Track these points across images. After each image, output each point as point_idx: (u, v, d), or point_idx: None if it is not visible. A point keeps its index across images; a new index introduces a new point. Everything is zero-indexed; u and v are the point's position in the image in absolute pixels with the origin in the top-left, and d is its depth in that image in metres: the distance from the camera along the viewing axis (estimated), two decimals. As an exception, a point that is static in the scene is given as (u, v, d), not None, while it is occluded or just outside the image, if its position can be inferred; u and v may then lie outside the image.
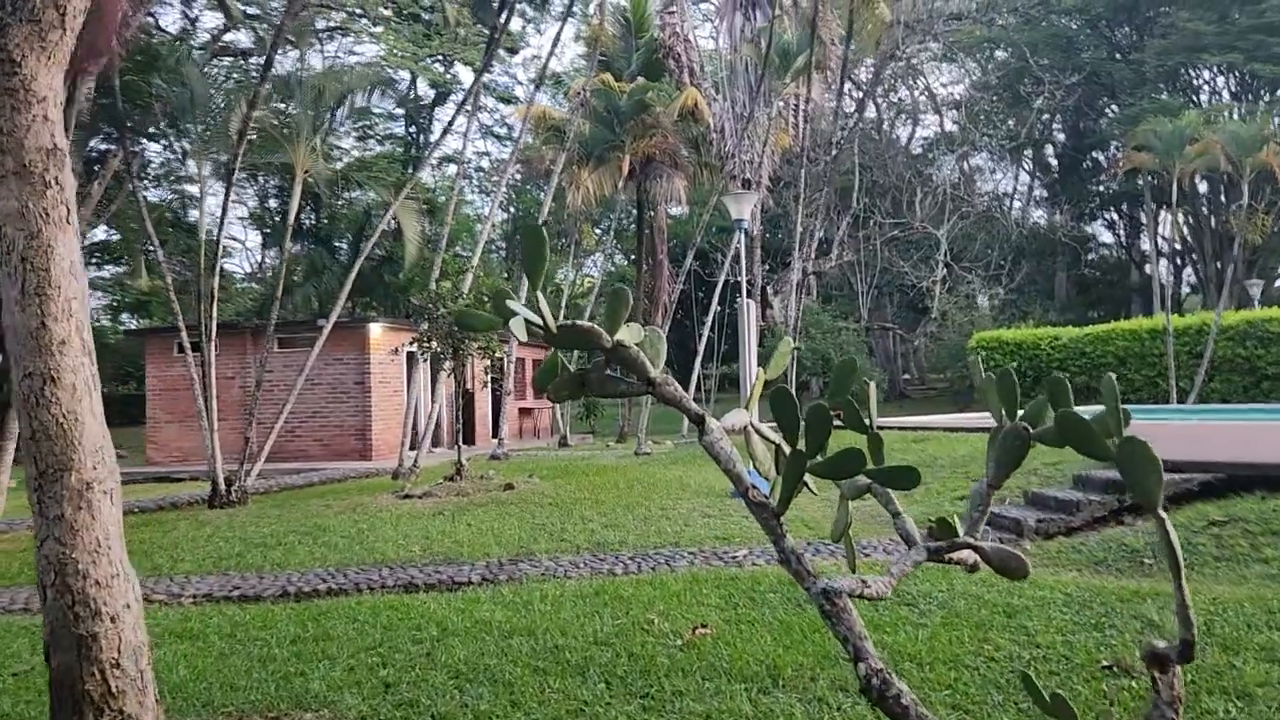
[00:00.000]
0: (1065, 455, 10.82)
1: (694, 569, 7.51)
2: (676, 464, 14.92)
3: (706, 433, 3.13)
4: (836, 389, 3.12)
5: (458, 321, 3.11)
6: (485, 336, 12.36)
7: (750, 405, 3.39)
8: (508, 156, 23.49)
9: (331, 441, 18.71)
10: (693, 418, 3.16)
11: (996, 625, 5.53)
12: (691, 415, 3.16)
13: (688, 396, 3.16)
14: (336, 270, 28.60)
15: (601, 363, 3.14)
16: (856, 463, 2.93)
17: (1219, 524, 7.18)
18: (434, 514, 10.61)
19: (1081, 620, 5.55)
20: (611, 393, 3.17)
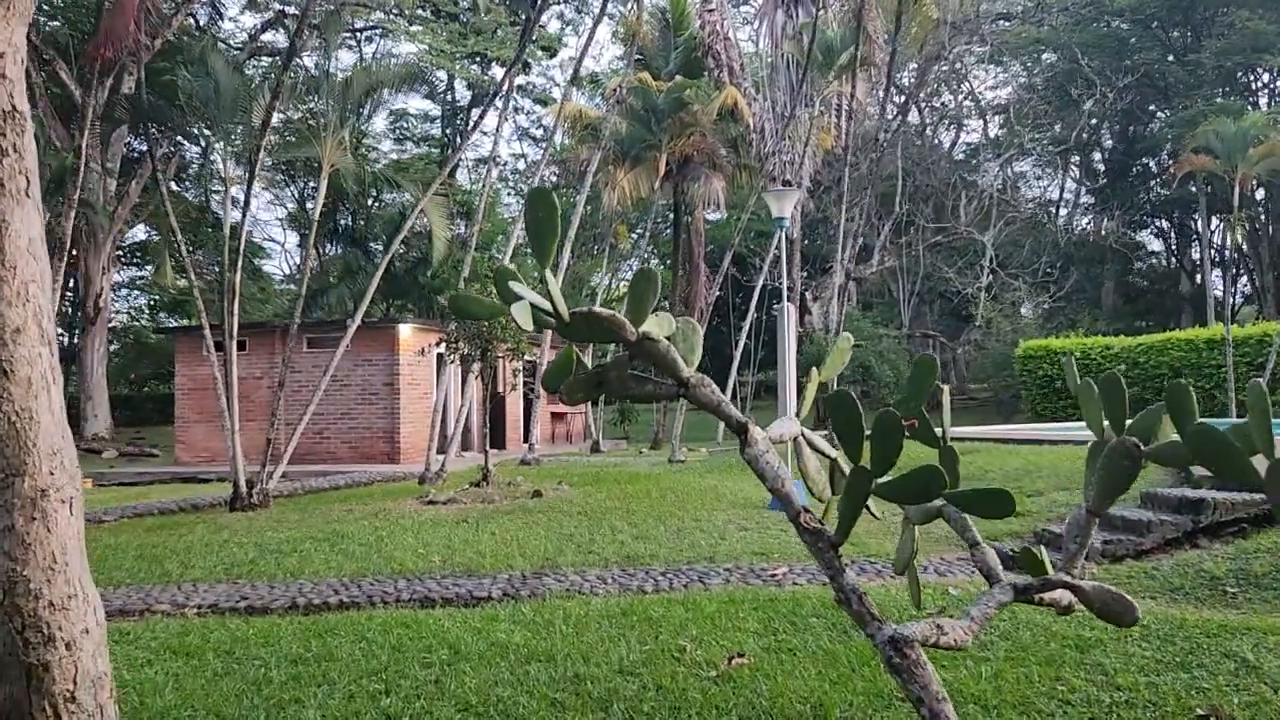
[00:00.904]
0: (1128, 470, 10.15)
1: (730, 588, 6.99)
2: (711, 473, 14.39)
3: (749, 444, 2.62)
4: (912, 394, 2.59)
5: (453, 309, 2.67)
6: (514, 336, 11.92)
7: (801, 412, 2.87)
8: (540, 159, 23.12)
9: (360, 444, 18.39)
10: (733, 425, 2.64)
11: (1068, 662, 4.96)
12: (732, 422, 2.64)
13: (727, 401, 2.64)
14: (371, 272, 28.38)
15: (624, 359, 2.64)
16: (936, 483, 2.40)
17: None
18: (457, 521, 10.18)
19: (1165, 658, 4.96)
20: (635, 395, 2.67)
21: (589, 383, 2.61)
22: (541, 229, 2.35)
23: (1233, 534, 7.41)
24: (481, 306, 2.57)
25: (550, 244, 2.36)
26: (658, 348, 2.56)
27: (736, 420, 2.62)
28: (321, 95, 12.24)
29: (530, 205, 2.37)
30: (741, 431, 2.61)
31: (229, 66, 11.15)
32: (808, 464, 2.75)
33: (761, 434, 2.63)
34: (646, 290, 2.55)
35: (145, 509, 12.19)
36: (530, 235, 2.37)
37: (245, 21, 31.23)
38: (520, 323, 2.28)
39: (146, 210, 28.40)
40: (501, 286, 2.49)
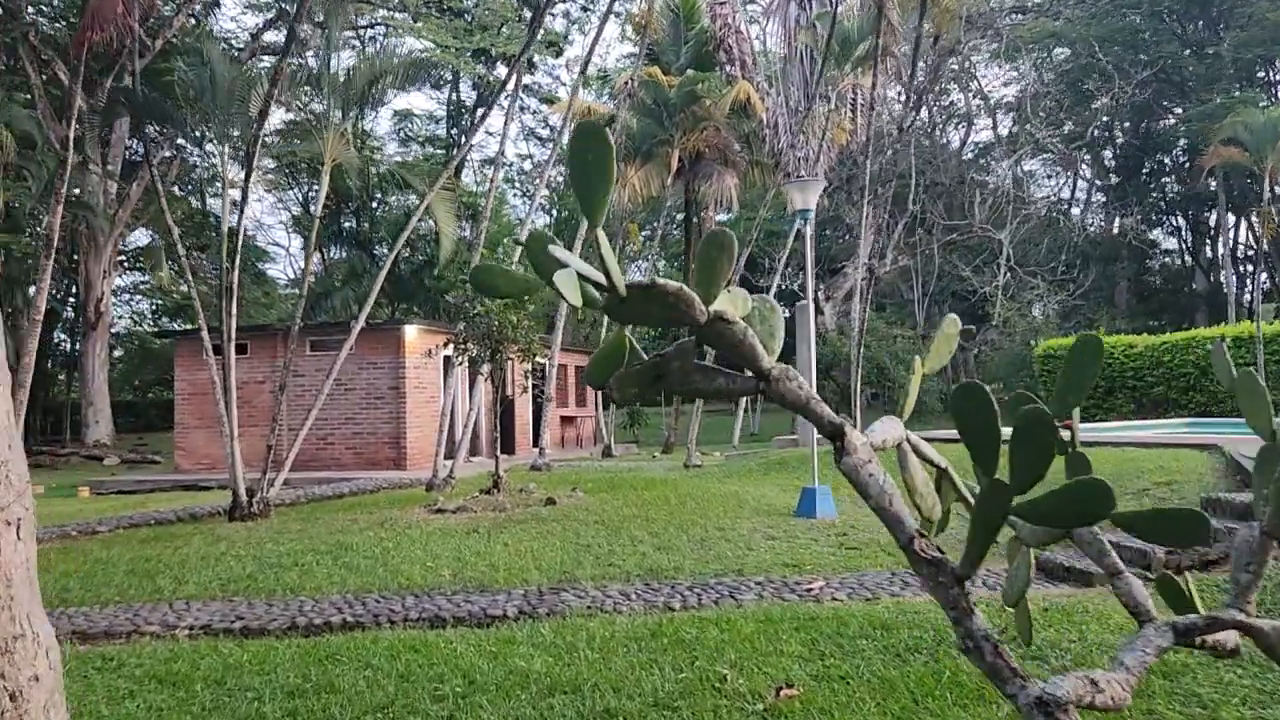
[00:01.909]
0: (1179, 472, 9.58)
1: (764, 605, 6.45)
2: (730, 478, 13.85)
3: (847, 452, 2.07)
4: (1072, 385, 2.05)
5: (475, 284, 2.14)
6: (525, 337, 11.39)
7: (904, 413, 2.33)
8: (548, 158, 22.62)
9: (365, 449, 17.88)
10: (826, 429, 2.09)
11: (1159, 692, 4.41)
12: (824, 424, 2.09)
13: (817, 398, 2.09)
14: (376, 274, 27.96)
15: (689, 345, 2.10)
16: (1104, 501, 1.86)
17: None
18: (468, 531, 9.65)
19: (1267, 687, 4.41)
20: (700, 390, 2.14)
21: (645, 376, 2.07)
22: (590, 175, 1.82)
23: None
24: (511, 281, 2.03)
25: (602, 195, 1.83)
26: (733, 331, 2.02)
27: (830, 422, 2.07)
28: (323, 86, 11.73)
29: (576, 145, 1.83)
30: (837, 436, 2.07)
31: (225, 57, 10.65)
32: (914, 476, 2.21)
33: (862, 440, 2.09)
34: (720, 258, 2.02)
35: (141, 519, 11.69)
36: (575, 183, 1.84)
37: (247, 21, 30.79)
38: (567, 297, 1.75)
39: (148, 213, 27.96)
40: (537, 254, 1.95)
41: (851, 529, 9.34)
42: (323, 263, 34.90)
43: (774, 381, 2.07)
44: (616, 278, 1.84)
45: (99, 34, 7.81)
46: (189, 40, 18.35)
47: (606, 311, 1.98)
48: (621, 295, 1.86)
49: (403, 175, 23.88)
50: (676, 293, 1.90)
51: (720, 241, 2.00)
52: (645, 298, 1.89)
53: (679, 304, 1.92)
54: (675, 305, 1.92)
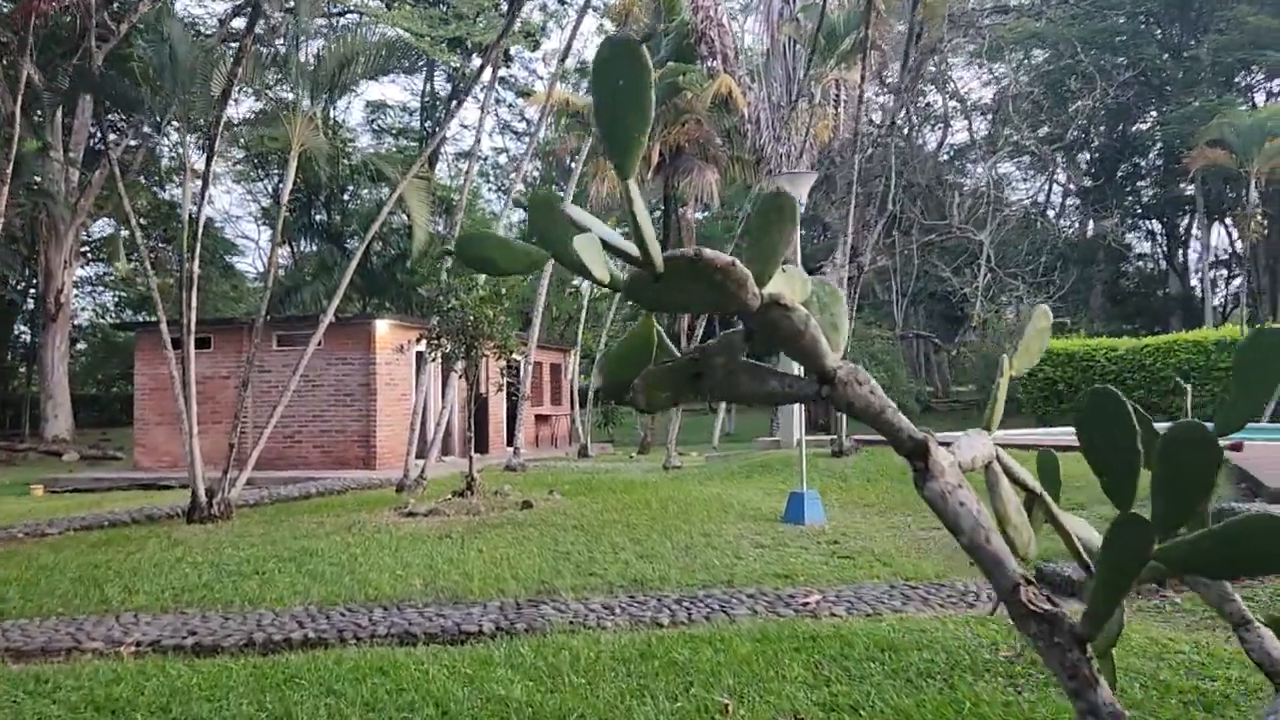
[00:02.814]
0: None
1: (759, 621, 6.03)
2: (712, 480, 13.44)
3: (931, 475, 1.63)
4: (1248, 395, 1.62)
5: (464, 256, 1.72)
6: (502, 333, 10.92)
7: (993, 423, 1.90)
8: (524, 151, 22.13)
9: (333, 448, 17.30)
10: (904, 445, 1.65)
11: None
12: (902, 440, 1.65)
13: (894, 407, 1.66)
14: (346, 267, 27.31)
15: (737, 338, 1.66)
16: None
17: None
18: (440, 536, 9.17)
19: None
20: (747, 394, 1.70)
21: (679, 376, 1.63)
22: (621, 105, 1.37)
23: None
24: (508, 253, 1.59)
25: (637, 134, 1.38)
26: (791, 320, 1.58)
27: (909, 437, 1.64)
28: (290, 68, 11.17)
29: (604, 66, 1.39)
30: (919, 455, 1.64)
31: (186, 35, 10.08)
32: (1007, 504, 1.79)
33: (949, 459, 1.65)
34: (778, 227, 1.58)
35: (95, 520, 11.09)
36: (602, 118, 1.39)
37: (215, 7, 30.04)
38: (591, 269, 1.31)
39: (111, 202, 27.17)
40: (543, 218, 1.51)
41: (843, 536, 8.96)
42: (292, 256, 34.19)
43: (840, 385, 1.64)
44: (652, 246, 1.39)
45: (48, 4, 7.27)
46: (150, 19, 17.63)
47: (631, 294, 1.54)
48: (657, 270, 1.42)
49: (375, 164, 23.23)
50: (727, 268, 1.46)
51: (779, 206, 1.56)
52: (688, 274, 1.45)
53: (727, 284, 1.48)
54: (723, 285, 1.48)
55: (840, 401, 1.65)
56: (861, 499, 11.09)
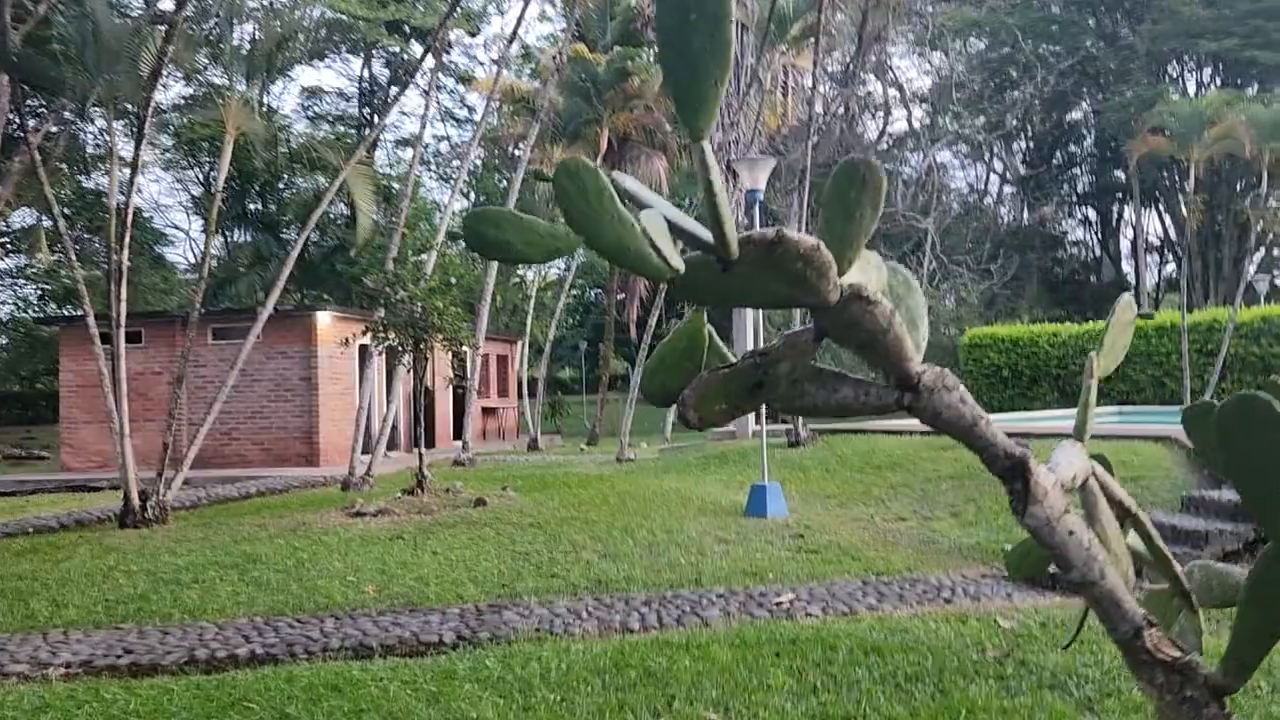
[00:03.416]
0: (1143, 467, 9.25)
1: (733, 623, 5.80)
2: (669, 473, 13.20)
3: (1035, 499, 1.36)
4: None
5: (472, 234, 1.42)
6: (452, 326, 10.52)
7: (1084, 430, 1.64)
8: (470, 138, 21.63)
9: (274, 445, 16.70)
10: (998, 464, 1.38)
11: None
12: (997, 456, 1.38)
13: (987, 419, 1.38)
14: (284, 259, 26.48)
15: (806, 337, 1.37)
16: None
17: None
18: (391, 538, 8.79)
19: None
20: (816, 405, 1.41)
21: (737, 385, 1.35)
22: (694, 42, 1.07)
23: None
24: (531, 237, 1.29)
25: (714, 80, 1.08)
26: (875, 315, 1.30)
27: (1005, 453, 1.37)
28: (223, 49, 10.60)
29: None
30: (1018, 476, 1.37)
31: (111, 11, 9.46)
32: (1106, 528, 1.53)
33: (1051, 479, 1.39)
34: (862, 202, 1.29)
35: (18, 526, 10.46)
36: (666, 59, 1.09)
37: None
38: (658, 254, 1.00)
39: (31, 191, 25.99)
40: (574, 190, 1.21)
41: (807, 529, 8.78)
42: (226, 246, 33.14)
43: (926, 392, 1.37)
44: (729, 227, 1.09)
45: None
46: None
47: (688, 287, 1.24)
48: (731, 255, 1.12)
49: (314, 150, 22.47)
50: (810, 254, 1.18)
51: (863, 177, 1.28)
52: (762, 262, 1.16)
53: (807, 273, 1.20)
54: (801, 275, 1.20)
55: (925, 412, 1.37)
56: (822, 490, 10.94)
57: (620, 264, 1.23)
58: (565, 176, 1.21)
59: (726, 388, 1.33)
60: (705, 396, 1.32)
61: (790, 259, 1.16)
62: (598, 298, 45.94)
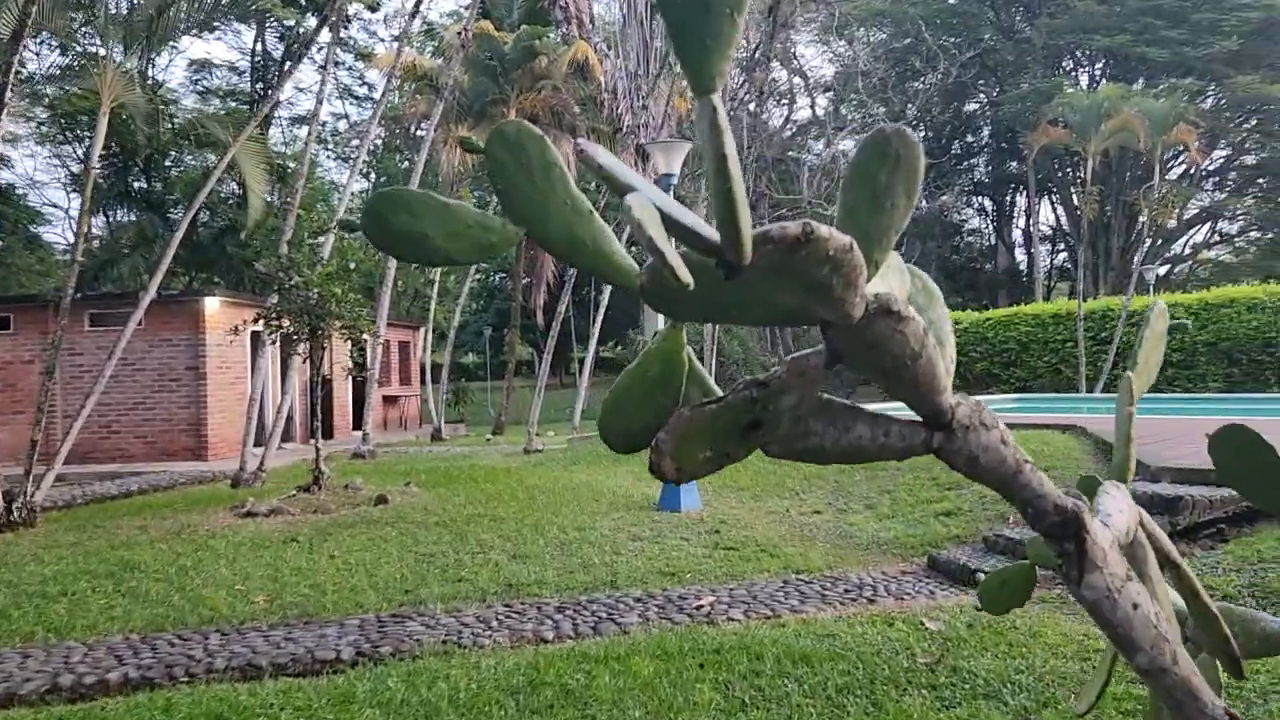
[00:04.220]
0: (1053, 456, 9.28)
1: (653, 630, 5.50)
2: (578, 464, 12.86)
3: (1094, 565, 1.06)
4: None
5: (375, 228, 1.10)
6: (351, 313, 9.97)
7: (1127, 470, 1.36)
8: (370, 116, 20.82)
9: (158, 438, 15.76)
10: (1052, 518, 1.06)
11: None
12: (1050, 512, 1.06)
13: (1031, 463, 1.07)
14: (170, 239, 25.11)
15: (816, 366, 1.03)
16: None
17: (1327, 558, 5.64)
18: (285, 540, 8.26)
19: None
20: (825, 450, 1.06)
21: (730, 425, 1.03)
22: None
23: (1210, 536, 6.52)
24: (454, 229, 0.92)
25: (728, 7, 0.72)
26: (905, 336, 0.98)
27: (1054, 506, 1.06)
28: (98, 11, 9.78)
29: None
30: (1071, 534, 1.07)
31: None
32: (1156, 587, 1.24)
33: (1108, 537, 1.09)
34: (894, 186, 0.93)
35: None
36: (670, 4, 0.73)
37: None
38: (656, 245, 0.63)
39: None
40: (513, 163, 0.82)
41: (723, 524, 8.56)
42: (108, 226, 31.36)
43: (961, 431, 1.06)
44: (744, 221, 0.75)
45: None
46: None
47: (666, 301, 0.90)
48: (744, 258, 0.78)
49: (202, 125, 21.25)
50: (842, 255, 0.85)
51: (896, 153, 0.96)
52: (780, 267, 0.82)
53: (834, 281, 0.89)
54: (826, 285, 0.89)
55: (959, 455, 1.07)
56: (735, 482, 10.75)
57: (575, 264, 0.90)
58: (502, 146, 0.87)
59: (714, 428, 1.00)
60: (687, 440, 0.99)
61: (815, 263, 0.84)
62: (502, 282, 45.28)
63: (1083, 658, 4.69)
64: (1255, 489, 1.41)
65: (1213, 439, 1.42)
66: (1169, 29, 27.63)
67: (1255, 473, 1.34)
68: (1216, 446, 1.39)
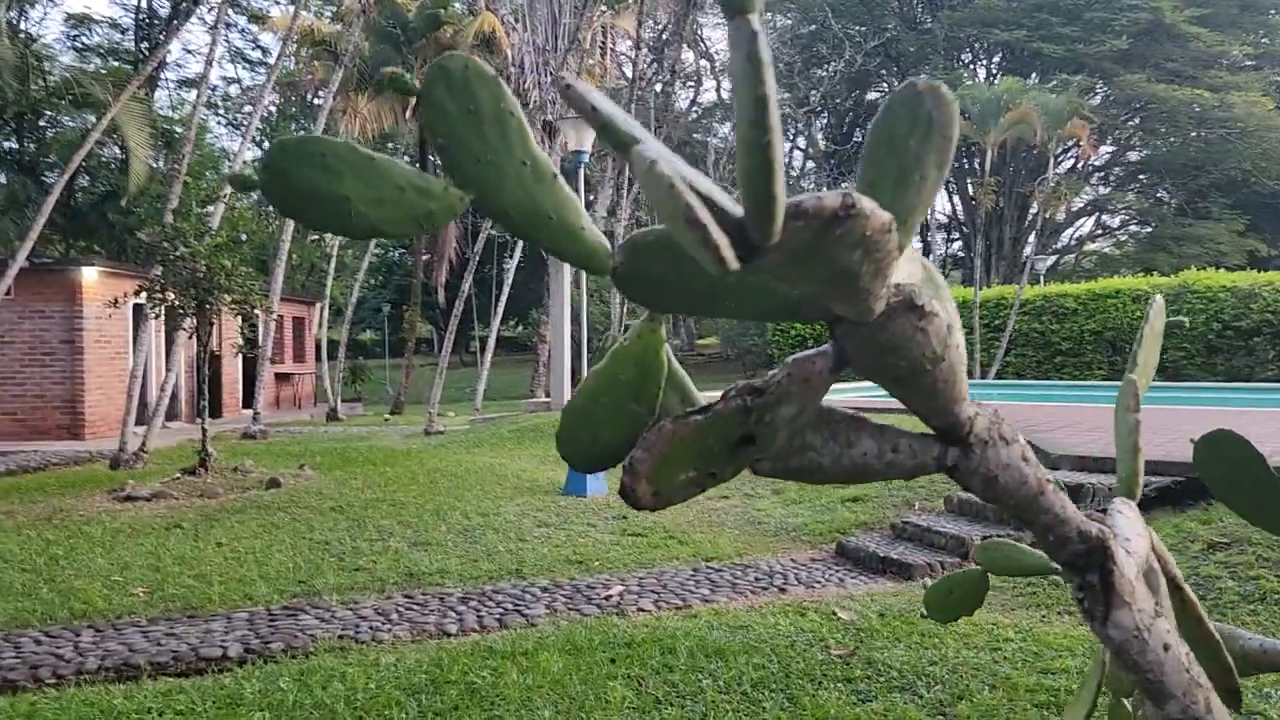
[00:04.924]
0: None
1: (561, 622, 5.32)
2: (481, 447, 12.56)
3: (1121, 601, 0.91)
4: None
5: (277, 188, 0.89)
6: (243, 286, 9.46)
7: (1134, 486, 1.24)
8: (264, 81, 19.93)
9: (29, 416, 14.80)
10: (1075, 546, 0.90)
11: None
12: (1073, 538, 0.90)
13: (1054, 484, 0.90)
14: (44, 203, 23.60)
15: (824, 369, 0.84)
16: None
17: (1220, 547, 5.79)
18: (168, 527, 7.80)
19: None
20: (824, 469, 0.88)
21: (718, 441, 0.82)
22: None
23: (1108, 522, 6.65)
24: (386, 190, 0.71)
25: None
26: (928, 336, 0.79)
27: (1079, 532, 0.90)
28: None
29: None
30: (1095, 564, 0.91)
31: None
32: (1169, 615, 1.10)
33: (1134, 567, 0.94)
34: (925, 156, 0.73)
35: None
36: None
37: None
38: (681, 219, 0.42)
39: None
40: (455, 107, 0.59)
41: (629, 509, 8.40)
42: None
43: (979, 445, 0.89)
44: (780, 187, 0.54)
45: None
46: None
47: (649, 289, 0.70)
48: (772, 235, 0.58)
49: (79, 84, 19.96)
50: (879, 238, 0.66)
51: (928, 115, 0.78)
52: (812, 247, 0.62)
53: (864, 267, 0.71)
54: (855, 272, 0.69)
55: (976, 476, 0.92)
56: (641, 465, 10.61)
57: (532, 239, 0.71)
58: (444, 88, 0.67)
59: (700, 444, 0.82)
60: (668, 460, 0.80)
61: (849, 245, 0.65)
62: (402, 258, 44.31)
63: (993, 648, 4.70)
64: (1244, 502, 1.30)
65: (1199, 447, 1.30)
66: (1064, 26, 28.51)
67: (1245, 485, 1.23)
68: (1205, 457, 1.28)
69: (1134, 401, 1.19)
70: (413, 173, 0.73)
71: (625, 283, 0.74)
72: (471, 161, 0.70)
